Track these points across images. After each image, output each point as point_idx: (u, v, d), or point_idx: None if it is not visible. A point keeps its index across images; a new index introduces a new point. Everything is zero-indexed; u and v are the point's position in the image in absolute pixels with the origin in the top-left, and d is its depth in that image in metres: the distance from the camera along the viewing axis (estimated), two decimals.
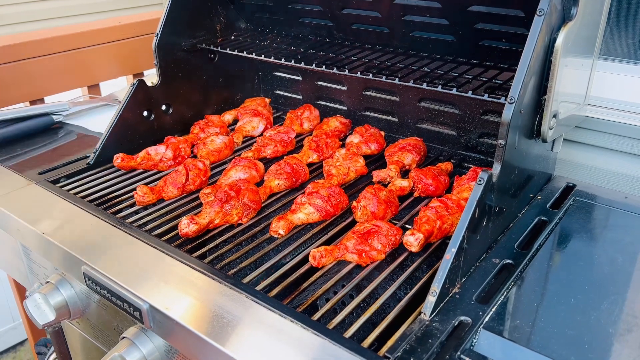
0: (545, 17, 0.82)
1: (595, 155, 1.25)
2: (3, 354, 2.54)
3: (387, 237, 0.94)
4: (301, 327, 0.76)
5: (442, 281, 0.78)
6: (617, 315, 0.77)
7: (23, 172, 1.23)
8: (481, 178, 0.81)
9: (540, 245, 0.93)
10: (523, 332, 0.74)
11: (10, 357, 2.55)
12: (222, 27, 1.48)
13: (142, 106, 1.34)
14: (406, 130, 1.38)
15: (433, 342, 0.72)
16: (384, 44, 1.29)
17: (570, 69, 0.96)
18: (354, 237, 0.93)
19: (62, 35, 1.72)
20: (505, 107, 0.83)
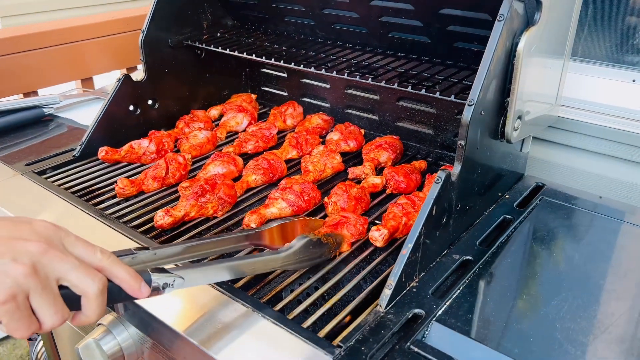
0: (506, 22, 0.85)
1: (570, 155, 1.27)
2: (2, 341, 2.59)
3: (355, 227, 0.97)
4: (262, 316, 0.79)
5: (398, 275, 0.81)
6: (566, 312, 0.80)
7: (11, 163, 1.27)
8: (439, 177, 0.84)
9: (501, 242, 0.96)
10: (473, 325, 0.78)
11: (10, 344, 2.60)
12: (209, 24, 1.51)
13: (128, 101, 1.37)
14: (386, 129, 1.41)
15: (385, 332, 0.76)
16: (364, 43, 1.32)
17: (537, 70, 0.99)
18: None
19: (57, 29, 1.76)
20: (465, 109, 0.86)
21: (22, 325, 0.57)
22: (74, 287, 0.60)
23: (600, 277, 0.87)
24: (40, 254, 0.58)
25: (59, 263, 0.59)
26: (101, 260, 0.62)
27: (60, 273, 0.59)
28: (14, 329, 0.57)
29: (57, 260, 0.59)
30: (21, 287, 0.56)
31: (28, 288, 0.56)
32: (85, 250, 0.62)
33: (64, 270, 0.59)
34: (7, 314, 0.56)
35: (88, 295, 0.60)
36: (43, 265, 0.58)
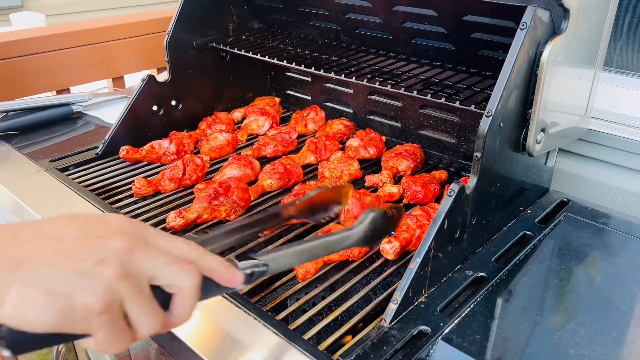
0: (529, 30, 0.82)
1: (600, 170, 1.22)
2: None
3: None
4: (263, 324, 0.78)
5: (405, 290, 0.78)
6: (582, 337, 0.75)
7: (37, 159, 1.30)
8: (452, 190, 0.81)
9: (519, 260, 0.92)
10: (481, 346, 0.74)
11: None
12: (235, 27, 1.51)
13: (152, 101, 1.39)
14: (408, 136, 1.38)
15: (388, 349, 0.73)
16: (388, 49, 1.30)
17: (564, 80, 0.95)
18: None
19: (90, 28, 1.80)
20: (482, 120, 0.82)
21: (118, 339, 0.48)
22: (168, 285, 0.51)
23: (621, 301, 0.82)
24: (127, 253, 0.49)
25: (148, 260, 0.50)
26: (190, 252, 0.54)
27: (151, 272, 0.50)
28: (108, 345, 0.48)
29: (146, 258, 0.50)
30: (114, 294, 0.47)
31: (122, 294, 0.48)
32: (170, 243, 0.54)
33: (156, 268, 0.50)
34: (103, 327, 0.47)
35: (184, 292, 0.52)
36: (132, 264, 0.49)
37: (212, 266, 0.55)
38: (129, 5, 4.56)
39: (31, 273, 0.45)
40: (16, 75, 1.60)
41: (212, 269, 0.55)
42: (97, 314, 0.46)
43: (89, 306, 0.46)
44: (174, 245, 0.54)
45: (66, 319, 0.45)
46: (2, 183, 1.18)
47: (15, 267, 0.45)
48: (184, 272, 0.52)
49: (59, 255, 0.47)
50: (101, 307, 0.46)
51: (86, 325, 0.46)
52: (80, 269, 0.46)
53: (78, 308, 0.45)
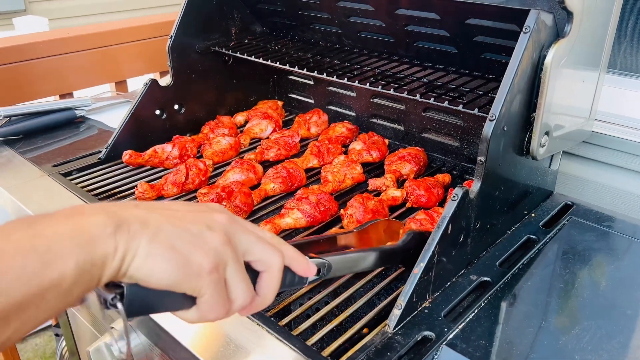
0: (532, 34, 0.81)
1: (605, 173, 1.21)
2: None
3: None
4: (266, 330, 0.78)
5: (409, 295, 0.78)
6: (587, 342, 0.75)
7: (40, 163, 1.30)
8: (455, 194, 0.81)
9: (523, 264, 0.92)
10: (485, 351, 0.74)
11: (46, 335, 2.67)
12: (237, 31, 1.51)
13: (155, 105, 1.39)
14: (411, 139, 1.38)
15: (392, 355, 0.73)
16: (390, 52, 1.29)
17: (568, 83, 0.94)
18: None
19: (93, 33, 1.80)
20: (485, 124, 0.82)
21: (219, 303, 0.53)
22: (258, 261, 0.56)
23: (627, 306, 0.82)
24: (229, 225, 0.54)
25: (244, 236, 0.55)
26: (272, 237, 0.59)
27: (246, 246, 0.55)
28: (211, 306, 0.52)
29: (243, 232, 0.55)
30: (220, 256, 0.52)
31: (225, 258, 0.52)
32: (257, 228, 0.59)
33: (250, 243, 0.55)
34: (209, 286, 0.51)
35: (272, 269, 0.56)
36: (232, 235, 0.54)
37: (291, 254, 0.60)
38: (131, 9, 4.57)
39: (157, 230, 0.50)
40: (19, 80, 1.61)
41: (291, 256, 0.60)
42: (207, 272, 0.51)
43: (201, 264, 0.51)
44: (260, 229, 0.59)
45: (183, 273, 0.50)
46: (5, 188, 1.18)
47: (144, 223, 0.50)
48: (272, 251, 0.56)
49: (176, 219, 0.52)
50: (210, 265, 0.51)
51: (197, 283, 0.51)
52: (194, 232, 0.52)
53: (193, 264, 0.50)
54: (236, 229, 0.55)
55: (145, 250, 0.48)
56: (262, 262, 0.56)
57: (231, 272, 0.53)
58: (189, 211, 0.54)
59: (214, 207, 0.57)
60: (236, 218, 0.57)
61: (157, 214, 0.52)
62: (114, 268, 0.47)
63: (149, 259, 0.48)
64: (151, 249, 0.49)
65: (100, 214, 0.48)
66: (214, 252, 0.51)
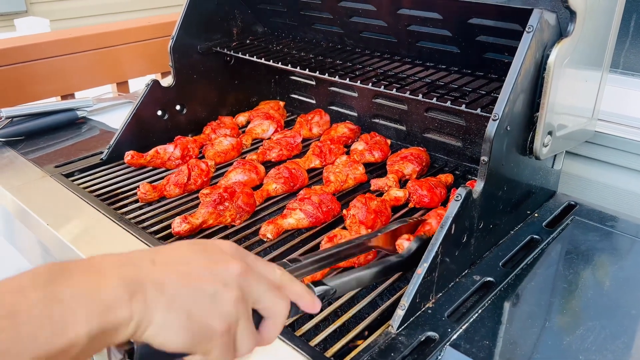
0: (535, 33, 0.81)
1: (607, 172, 1.21)
2: None
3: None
4: None
5: (412, 295, 0.78)
6: (591, 343, 0.75)
7: (42, 164, 1.30)
8: (459, 194, 0.81)
9: (526, 264, 0.91)
10: (489, 352, 0.74)
11: None
12: (239, 31, 1.51)
13: (157, 106, 1.39)
14: (413, 140, 1.38)
15: (395, 355, 0.73)
16: (392, 52, 1.29)
17: (571, 83, 0.94)
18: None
19: (94, 33, 1.80)
20: (489, 124, 0.82)
21: (227, 356, 0.52)
22: (266, 309, 0.55)
23: (631, 306, 0.82)
24: (242, 276, 0.53)
25: (256, 285, 0.54)
26: (281, 278, 0.58)
27: (256, 296, 0.54)
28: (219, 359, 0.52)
29: (255, 283, 0.54)
30: (234, 316, 0.51)
31: (238, 317, 0.52)
32: (267, 269, 0.58)
33: (261, 292, 0.54)
34: (219, 347, 0.51)
35: (277, 318, 0.56)
36: (245, 287, 0.53)
37: (298, 292, 0.59)
38: (133, 10, 4.58)
39: (174, 295, 0.49)
40: (21, 81, 1.61)
41: (297, 294, 0.59)
42: (219, 335, 0.50)
43: (215, 328, 0.50)
44: (268, 272, 0.57)
45: (197, 340, 0.49)
46: (7, 189, 1.18)
47: (161, 289, 0.49)
48: (280, 298, 0.56)
49: (192, 279, 0.51)
50: (223, 329, 0.51)
51: (207, 345, 0.50)
52: (210, 292, 0.51)
53: (208, 330, 0.50)
54: (250, 280, 0.54)
55: (161, 320, 0.47)
56: (269, 310, 0.55)
57: (241, 330, 0.53)
58: (205, 265, 0.52)
59: (228, 252, 0.55)
60: (250, 263, 0.56)
61: (174, 275, 0.50)
62: (127, 335, 0.46)
63: (164, 328, 0.48)
64: (167, 319, 0.48)
65: (116, 278, 0.47)
66: (227, 314, 0.51)
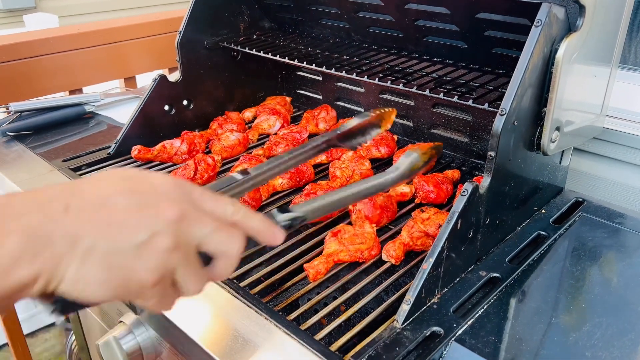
0: (543, 27, 0.80)
1: (616, 169, 1.20)
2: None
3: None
4: (274, 325, 0.78)
5: (418, 290, 0.77)
6: (598, 339, 0.74)
7: (49, 158, 1.31)
8: (465, 189, 0.80)
9: (533, 260, 0.91)
10: (495, 347, 0.73)
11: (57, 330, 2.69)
12: (246, 26, 1.51)
13: (164, 101, 1.39)
14: (420, 135, 1.37)
15: (400, 350, 0.73)
16: (400, 47, 1.29)
17: (580, 78, 0.93)
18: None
19: (102, 29, 1.81)
20: (496, 119, 0.81)
21: (166, 304, 0.52)
22: (214, 251, 0.52)
23: (639, 303, 0.81)
24: (178, 221, 0.49)
25: (197, 228, 0.50)
26: (234, 214, 0.54)
27: (199, 239, 0.51)
28: (157, 308, 0.52)
29: (196, 225, 0.50)
30: (167, 265, 0.48)
31: (173, 264, 0.49)
32: (216, 205, 0.54)
33: (204, 235, 0.51)
34: (155, 296, 0.49)
35: (228, 257, 0.53)
36: (183, 233, 0.49)
37: (255, 226, 0.56)
38: (141, 6, 4.59)
39: (89, 248, 0.45)
40: (29, 76, 1.61)
41: (255, 229, 0.56)
42: (150, 286, 0.48)
43: (143, 280, 0.47)
44: (218, 208, 0.54)
45: (121, 292, 0.47)
46: (15, 182, 1.19)
47: (72, 242, 0.44)
48: (231, 238, 0.53)
49: (113, 227, 0.46)
50: (155, 280, 0.48)
51: (139, 296, 0.48)
52: (136, 243, 0.46)
53: (134, 282, 0.47)
54: (188, 223, 0.50)
55: (74, 276, 0.44)
56: (218, 251, 0.53)
57: (181, 276, 0.50)
58: (130, 210, 0.48)
59: (162, 196, 0.50)
60: (194, 200, 0.52)
61: (90, 225, 0.46)
62: (37, 292, 0.44)
63: (79, 284, 0.45)
64: (81, 275, 0.44)
65: (18, 233, 0.43)
66: (158, 264, 0.47)
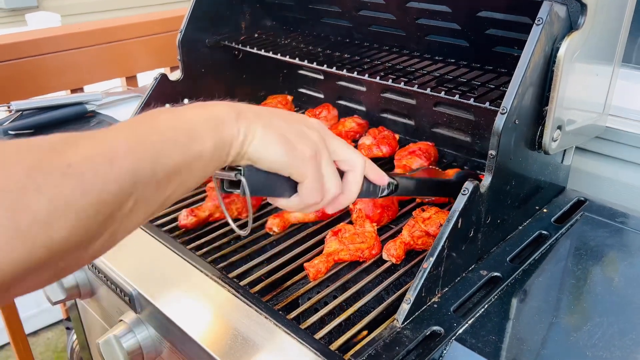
0: (545, 26, 0.80)
1: (618, 169, 1.19)
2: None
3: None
4: (274, 324, 0.78)
5: (418, 290, 0.77)
6: (599, 339, 0.74)
7: None
8: (466, 188, 0.80)
9: (534, 260, 0.90)
10: (495, 347, 0.73)
11: (58, 329, 2.70)
12: (247, 25, 1.51)
13: (165, 99, 1.38)
14: (422, 134, 1.37)
15: (400, 349, 0.72)
16: (401, 46, 1.28)
17: (582, 77, 0.93)
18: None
19: (103, 28, 1.81)
20: (497, 117, 0.81)
21: (318, 187, 0.64)
22: (345, 161, 0.67)
23: None
24: (322, 129, 0.66)
25: (334, 139, 0.67)
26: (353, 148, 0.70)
27: (335, 146, 0.66)
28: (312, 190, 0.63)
29: (333, 137, 0.67)
30: (319, 148, 0.63)
31: (322, 151, 0.63)
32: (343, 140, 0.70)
33: (338, 145, 0.67)
34: (312, 170, 0.62)
35: (356, 169, 0.68)
36: (325, 136, 0.65)
37: (369, 164, 0.73)
38: (143, 5, 4.59)
39: (269, 121, 0.60)
40: (31, 75, 1.62)
41: (369, 166, 0.73)
42: (309, 158, 0.62)
43: (304, 151, 0.61)
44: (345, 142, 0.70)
45: (291, 157, 0.60)
46: None
47: (258, 116, 0.60)
48: (356, 153, 0.69)
49: (283, 117, 0.63)
50: (312, 153, 0.62)
51: (301, 166, 0.61)
52: (297, 127, 0.62)
53: (298, 150, 0.61)
54: (327, 133, 0.66)
55: (261, 135, 0.58)
56: (347, 162, 0.67)
57: (325, 164, 0.64)
58: (290, 114, 0.65)
59: (308, 117, 0.67)
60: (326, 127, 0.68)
61: (267, 112, 0.62)
62: (237, 147, 0.57)
63: (264, 142, 0.58)
64: (265, 134, 0.58)
65: (224, 105, 0.60)
66: (313, 143, 0.62)
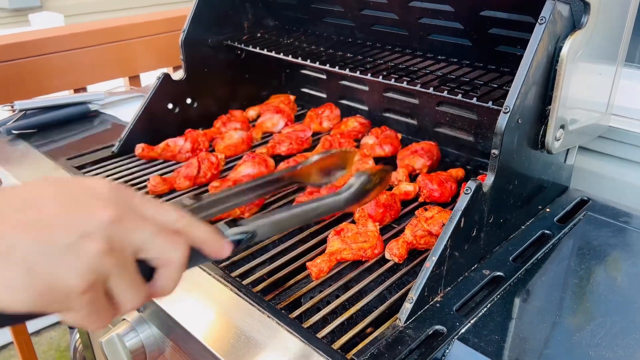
0: (548, 25, 0.80)
1: (622, 168, 1.19)
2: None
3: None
4: (276, 323, 0.78)
5: (420, 289, 0.77)
6: (602, 338, 0.74)
7: (54, 157, 1.31)
8: (468, 187, 0.80)
9: (537, 259, 0.90)
10: (498, 346, 0.73)
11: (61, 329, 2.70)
12: (250, 25, 1.51)
13: (168, 99, 1.39)
14: (424, 134, 1.37)
15: (403, 348, 0.72)
16: (404, 45, 1.28)
17: (585, 76, 0.93)
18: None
19: (106, 27, 1.81)
20: (499, 116, 0.81)
21: (101, 317, 0.46)
22: (155, 259, 0.48)
23: None
24: (113, 224, 0.44)
25: (135, 232, 0.46)
26: (177, 221, 0.50)
27: (138, 244, 0.47)
28: (90, 322, 0.46)
29: (133, 229, 0.46)
30: (99, 271, 0.44)
31: (106, 271, 0.44)
32: (158, 212, 0.49)
33: (143, 241, 0.47)
34: (86, 306, 0.44)
35: (171, 266, 0.49)
36: (118, 238, 0.45)
37: (201, 236, 0.52)
38: (146, 5, 4.60)
39: (9, 248, 0.40)
40: (34, 75, 1.62)
41: (200, 239, 0.52)
42: (79, 294, 0.43)
43: (71, 286, 0.42)
44: (160, 215, 0.49)
45: (46, 299, 0.42)
46: (20, 180, 1.20)
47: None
48: (172, 245, 0.48)
49: (39, 227, 0.42)
50: (84, 287, 0.43)
51: (66, 305, 0.43)
52: (62, 244, 0.42)
53: (59, 288, 0.42)
54: (124, 228, 0.45)
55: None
56: (158, 259, 0.48)
57: (114, 283, 0.46)
58: (61, 211, 0.43)
59: (97, 197, 0.46)
60: (129, 205, 0.47)
61: (15, 222, 0.42)
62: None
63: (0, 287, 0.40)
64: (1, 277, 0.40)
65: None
66: (88, 268, 0.43)
